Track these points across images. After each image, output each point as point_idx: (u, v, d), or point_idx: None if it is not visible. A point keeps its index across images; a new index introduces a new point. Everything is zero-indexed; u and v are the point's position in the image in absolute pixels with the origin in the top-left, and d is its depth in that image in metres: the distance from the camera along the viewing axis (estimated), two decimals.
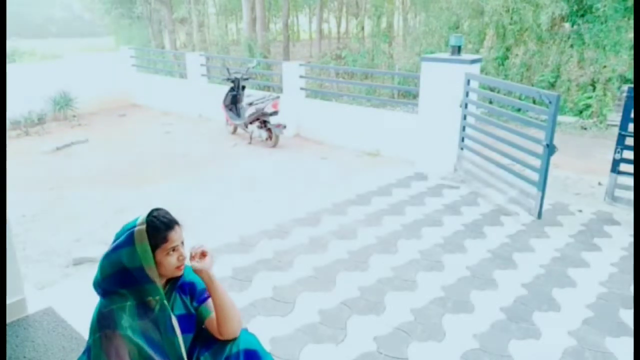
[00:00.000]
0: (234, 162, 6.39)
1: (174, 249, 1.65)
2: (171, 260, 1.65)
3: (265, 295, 3.14)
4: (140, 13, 20.81)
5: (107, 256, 1.63)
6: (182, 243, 1.70)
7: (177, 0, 21.54)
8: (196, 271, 1.71)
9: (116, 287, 1.62)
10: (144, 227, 1.62)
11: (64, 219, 4.58)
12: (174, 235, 1.65)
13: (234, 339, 1.72)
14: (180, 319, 1.70)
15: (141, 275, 1.60)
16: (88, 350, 1.62)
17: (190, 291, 1.76)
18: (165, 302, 1.66)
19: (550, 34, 11.67)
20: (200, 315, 1.75)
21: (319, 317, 2.90)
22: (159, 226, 1.63)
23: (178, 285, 1.74)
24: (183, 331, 1.70)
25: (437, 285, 3.28)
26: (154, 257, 1.62)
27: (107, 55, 13.07)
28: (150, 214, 1.67)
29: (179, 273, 1.70)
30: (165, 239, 1.63)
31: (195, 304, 1.75)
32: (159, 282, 1.64)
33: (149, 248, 1.60)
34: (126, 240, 1.61)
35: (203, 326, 1.77)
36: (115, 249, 1.62)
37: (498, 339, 2.71)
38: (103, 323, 1.58)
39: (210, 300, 1.75)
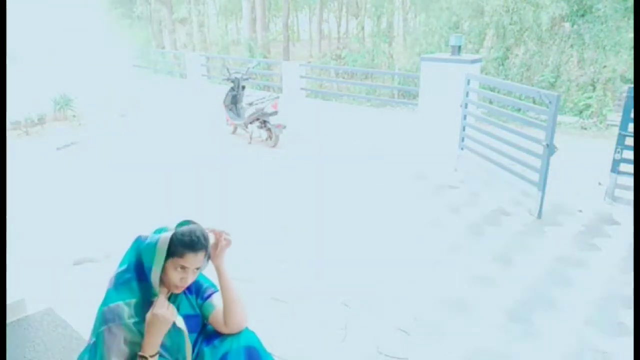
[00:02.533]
0: (234, 162, 6.39)
1: (183, 268, 1.65)
2: (174, 276, 1.65)
3: (265, 295, 3.14)
4: (140, 13, 20.81)
5: (137, 244, 1.69)
6: (197, 270, 1.69)
7: (177, 0, 21.55)
8: (213, 258, 1.76)
9: (130, 276, 1.66)
10: (169, 235, 1.64)
11: (64, 219, 4.58)
12: (191, 257, 1.64)
13: (235, 336, 1.74)
14: (186, 318, 1.73)
15: (149, 275, 1.65)
16: (92, 346, 1.64)
17: (196, 289, 1.79)
18: (171, 304, 1.69)
19: (550, 34, 11.67)
20: (205, 311, 1.78)
21: (319, 317, 2.90)
22: (184, 241, 1.64)
23: None
24: (189, 330, 1.73)
25: (437, 285, 3.28)
26: (165, 263, 1.64)
27: (107, 55, 13.05)
28: (182, 224, 1.70)
29: (176, 291, 1.70)
30: (180, 255, 1.63)
31: (199, 300, 1.78)
32: (158, 288, 1.66)
33: (164, 256, 1.63)
34: (154, 240, 1.66)
35: (207, 322, 1.80)
36: (145, 242, 1.68)
37: (498, 339, 2.71)
38: (108, 317, 1.60)
39: (214, 296, 1.78)
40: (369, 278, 3.37)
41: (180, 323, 1.69)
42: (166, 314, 1.61)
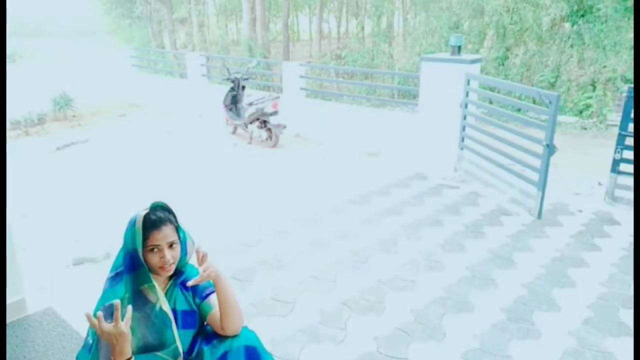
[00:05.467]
0: (234, 162, 6.39)
1: (157, 249, 1.64)
2: (153, 259, 1.65)
3: (265, 295, 3.14)
4: (140, 13, 20.79)
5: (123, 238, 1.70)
6: (172, 246, 1.67)
7: (177, 0, 21.52)
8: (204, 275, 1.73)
9: (123, 268, 1.66)
10: (145, 212, 1.66)
11: (64, 219, 4.58)
12: (157, 235, 1.64)
13: (235, 335, 1.73)
14: (183, 314, 1.72)
15: (137, 256, 1.63)
16: (90, 346, 1.64)
17: (192, 288, 1.77)
18: (159, 291, 1.67)
19: (550, 34, 11.67)
20: (203, 311, 1.77)
21: (319, 317, 2.91)
22: (144, 224, 1.64)
23: (180, 282, 1.76)
24: (186, 327, 1.72)
25: (437, 285, 3.28)
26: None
27: (107, 55, 13.07)
28: (150, 207, 1.70)
29: (164, 273, 1.68)
30: (147, 237, 1.63)
31: (197, 300, 1.77)
32: (148, 268, 1.65)
33: (142, 232, 1.63)
34: (130, 223, 1.67)
35: (205, 322, 1.79)
36: (125, 231, 1.69)
37: (498, 339, 2.71)
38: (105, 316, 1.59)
39: (212, 297, 1.77)
40: (369, 278, 3.37)
41: (169, 314, 1.67)
42: (116, 331, 1.52)
